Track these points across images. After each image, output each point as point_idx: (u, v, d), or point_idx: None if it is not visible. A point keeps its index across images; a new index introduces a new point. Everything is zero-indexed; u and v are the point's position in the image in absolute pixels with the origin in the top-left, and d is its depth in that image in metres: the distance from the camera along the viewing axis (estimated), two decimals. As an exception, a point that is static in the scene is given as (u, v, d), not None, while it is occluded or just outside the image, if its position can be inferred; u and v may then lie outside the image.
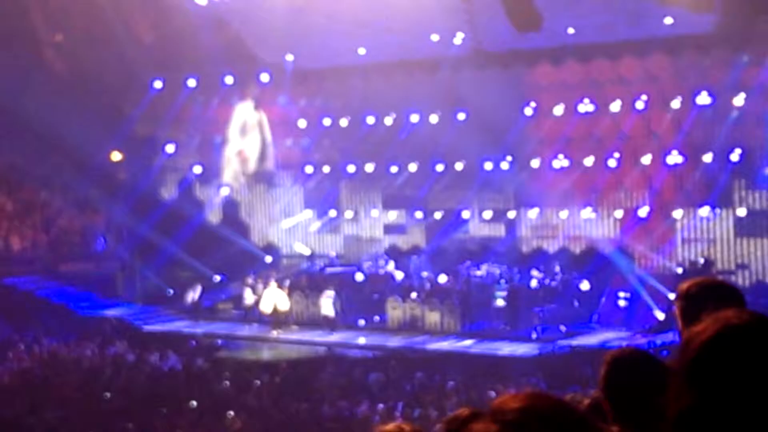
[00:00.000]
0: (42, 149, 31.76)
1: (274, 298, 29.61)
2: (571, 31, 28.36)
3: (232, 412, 20.01)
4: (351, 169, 34.08)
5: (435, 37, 29.79)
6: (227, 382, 23.06)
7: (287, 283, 31.36)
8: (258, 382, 23.05)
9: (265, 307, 29.75)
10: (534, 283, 28.63)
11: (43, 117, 29.84)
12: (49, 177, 33.18)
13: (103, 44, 31.12)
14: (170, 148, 35.82)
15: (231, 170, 35.41)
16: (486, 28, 28.98)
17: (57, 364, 25.69)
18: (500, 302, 28.40)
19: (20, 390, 23.13)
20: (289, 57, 32.92)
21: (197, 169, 36.24)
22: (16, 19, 30.51)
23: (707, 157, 28.34)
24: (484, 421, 2.40)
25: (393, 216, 33.95)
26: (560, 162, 30.62)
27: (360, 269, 31.92)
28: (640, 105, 29.05)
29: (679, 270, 28.42)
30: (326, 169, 34.71)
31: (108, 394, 22.33)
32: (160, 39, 32.01)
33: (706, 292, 4.49)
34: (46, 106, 29.81)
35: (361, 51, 31.51)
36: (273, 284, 30.09)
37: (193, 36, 31.20)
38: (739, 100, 27.74)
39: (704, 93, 28.01)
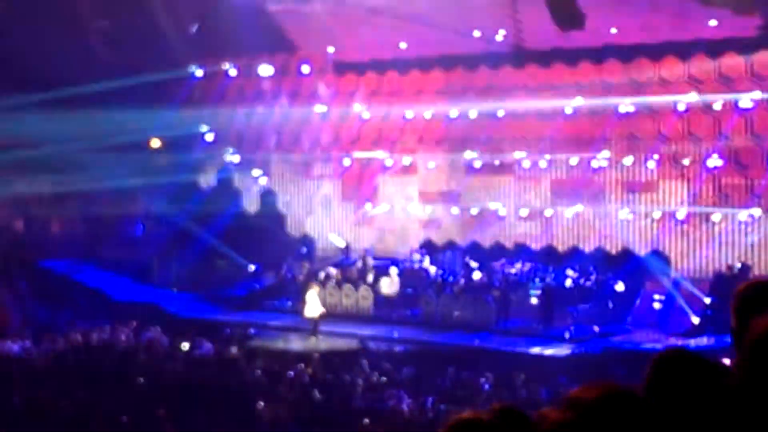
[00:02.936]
0: (82, 135, 31.96)
1: (313, 304, 29.04)
2: (613, 30, 28.24)
3: (262, 403, 20.08)
4: (389, 162, 34.10)
5: (477, 33, 29.75)
6: (259, 372, 23.14)
7: (322, 275, 31.51)
8: (291, 372, 23.11)
9: (308, 312, 29.06)
10: (568, 283, 28.55)
11: (85, 102, 30.05)
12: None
13: (147, 31, 31.28)
14: (210, 137, 36.01)
15: None
16: (528, 26, 28.92)
17: (91, 348, 25.88)
18: (534, 300, 28.35)
19: (54, 372, 23.32)
20: (330, 49, 32.98)
21: (236, 159, 36.39)
22: (62, 4, 30.73)
23: (751, 155, 28.13)
24: (560, 409, 2.41)
25: (429, 210, 33.91)
26: (599, 162, 30.49)
27: (395, 263, 31.95)
28: (681, 107, 28.88)
29: (716, 274, 28.21)
30: (359, 155, 34.77)
31: (141, 380, 22.46)
32: (203, 27, 32.13)
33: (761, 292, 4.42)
34: (87, 91, 30.02)
35: (402, 45, 31.54)
36: (314, 289, 29.50)
37: (235, 25, 31.32)
38: (782, 104, 27.54)
39: (746, 96, 27.81)
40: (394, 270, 31.20)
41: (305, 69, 34.02)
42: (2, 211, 34.51)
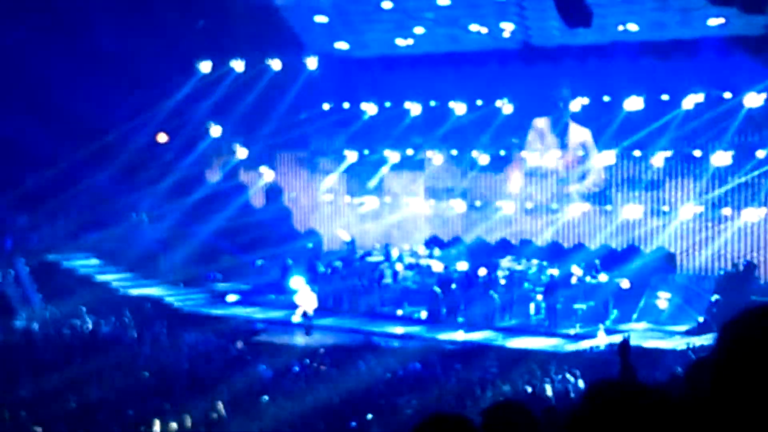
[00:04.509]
0: (89, 129, 32.04)
1: (304, 299, 29.02)
2: (621, 28, 28.23)
3: (267, 396, 20.11)
4: (395, 158, 34.15)
5: (484, 30, 29.76)
6: (264, 366, 23.18)
7: (329, 270, 31.61)
8: (296, 367, 23.15)
9: (300, 301, 29.14)
10: (574, 280, 28.54)
11: (92, 97, 30.11)
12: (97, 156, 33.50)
13: (153, 26, 31.30)
14: (215, 131, 36.06)
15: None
16: (535, 23, 28.93)
17: (97, 342, 25.93)
18: (539, 297, 28.36)
19: (61, 366, 23.36)
20: (337, 45, 33.00)
21: (242, 153, 36.46)
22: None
23: (760, 154, 28.14)
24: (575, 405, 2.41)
25: (433, 204, 33.97)
26: (607, 157, 30.53)
27: (400, 258, 31.99)
28: (689, 103, 28.88)
29: (721, 272, 28.22)
30: (366, 152, 34.84)
31: (146, 374, 22.51)
32: (209, 21, 32.15)
33: None
34: (94, 86, 30.07)
35: (410, 41, 31.55)
36: (305, 287, 29.51)
37: (243, 20, 31.36)
38: (789, 101, 27.55)
39: (753, 93, 27.80)
40: (400, 266, 31.29)
41: (312, 65, 34.03)
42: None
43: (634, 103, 29.64)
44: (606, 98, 30.23)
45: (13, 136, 30.54)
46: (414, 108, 33.33)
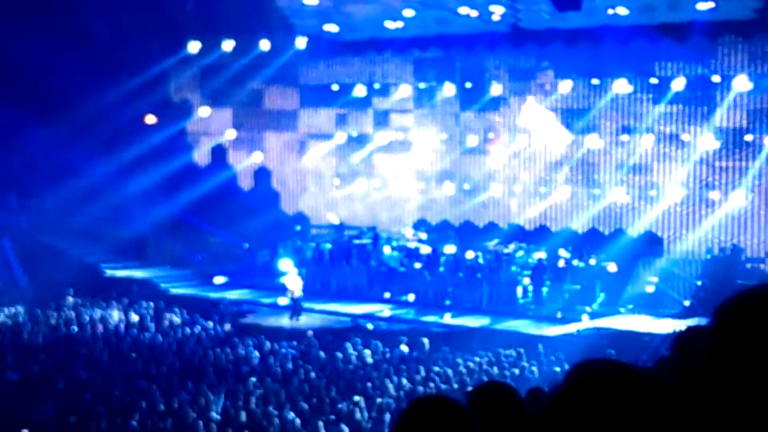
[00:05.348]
0: (78, 111, 31.96)
1: (292, 281, 29.10)
2: (610, 11, 28.23)
3: (254, 378, 20.13)
4: (384, 140, 34.12)
5: (474, 13, 29.71)
6: (251, 348, 23.20)
7: (317, 253, 31.60)
8: (283, 349, 23.16)
9: (288, 283, 29.21)
10: (561, 263, 28.58)
11: (80, 80, 30.02)
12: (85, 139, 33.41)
13: (142, 6, 31.18)
14: (204, 112, 35.97)
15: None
16: (525, 6, 28.89)
17: (84, 323, 25.90)
18: (527, 281, 28.39)
19: (48, 347, 23.35)
20: (327, 27, 32.94)
21: (230, 135, 36.39)
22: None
23: (748, 138, 28.23)
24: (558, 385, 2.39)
25: (421, 187, 33.95)
26: (594, 141, 30.56)
27: (388, 241, 32.01)
28: (678, 87, 28.90)
29: (708, 256, 28.29)
30: (354, 133, 34.79)
31: (134, 355, 22.53)
32: (198, 3, 32.03)
33: None
34: (83, 69, 29.98)
35: (399, 24, 31.50)
36: (293, 270, 29.73)
37: (231, 1, 31.27)
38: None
39: (744, 77, 27.84)
40: (387, 248, 31.32)
41: (302, 47, 33.96)
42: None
43: (622, 86, 29.66)
44: (595, 81, 30.24)
45: (1, 119, 30.43)
46: (403, 90, 33.29)
